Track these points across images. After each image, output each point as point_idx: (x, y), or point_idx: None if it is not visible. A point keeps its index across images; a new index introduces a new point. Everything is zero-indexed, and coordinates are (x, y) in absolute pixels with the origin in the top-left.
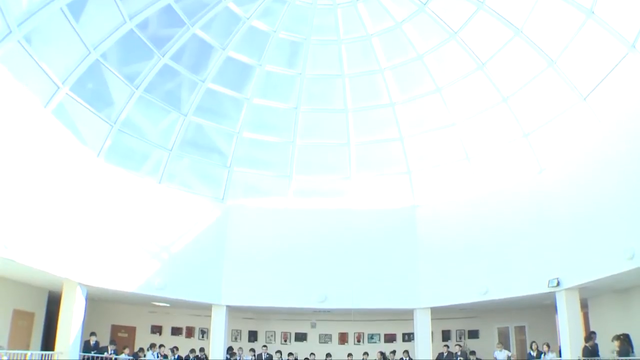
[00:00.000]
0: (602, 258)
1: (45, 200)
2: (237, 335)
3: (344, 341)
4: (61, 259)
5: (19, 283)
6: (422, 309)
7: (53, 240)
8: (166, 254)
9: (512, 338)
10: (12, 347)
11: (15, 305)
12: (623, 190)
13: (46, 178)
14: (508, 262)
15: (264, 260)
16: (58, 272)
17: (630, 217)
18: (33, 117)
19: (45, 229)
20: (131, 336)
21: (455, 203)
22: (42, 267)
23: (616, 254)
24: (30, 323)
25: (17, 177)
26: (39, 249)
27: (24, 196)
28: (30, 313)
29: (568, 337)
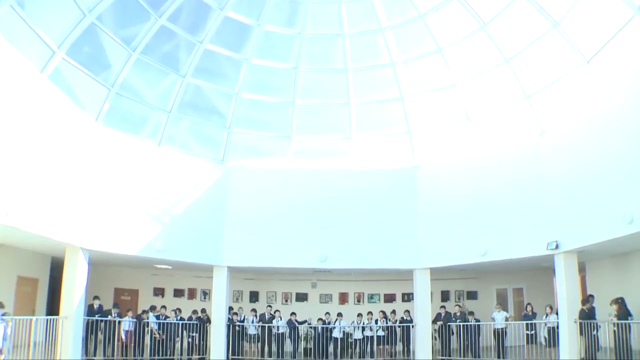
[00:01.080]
0: (601, 222)
1: (45, 166)
2: (239, 295)
3: (344, 301)
4: (63, 224)
5: (22, 250)
6: (422, 269)
7: (54, 206)
8: (167, 217)
9: (510, 299)
10: (18, 313)
11: (19, 271)
12: (624, 154)
13: (45, 144)
14: (507, 223)
15: (264, 221)
16: (60, 238)
17: (630, 182)
18: (29, 83)
19: (46, 194)
20: (134, 299)
21: (455, 164)
22: (44, 233)
23: (615, 218)
24: (34, 289)
25: (16, 143)
26: (40, 215)
27: (23, 163)
28: (34, 279)
29: (565, 300)
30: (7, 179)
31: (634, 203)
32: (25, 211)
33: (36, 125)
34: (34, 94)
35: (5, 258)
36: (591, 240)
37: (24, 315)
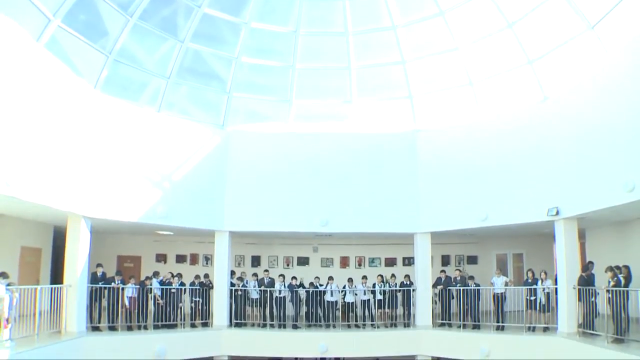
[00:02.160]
0: (602, 189)
1: (45, 135)
2: (241, 260)
3: (345, 265)
4: (64, 193)
5: (24, 220)
6: (422, 233)
7: (55, 175)
8: (168, 183)
9: (510, 265)
10: (22, 283)
11: (22, 242)
12: (626, 122)
13: (44, 113)
14: (508, 189)
15: (265, 185)
16: (62, 207)
17: (632, 150)
18: (26, 52)
19: (46, 164)
20: (137, 266)
21: (456, 129)
22: (46, 202)
23: (616, 186)
24: (37, 259)
25: (15, 113)
26: (41, 184)
27: (23, 132)
28: (37, 249)
29: (565, 266)
30: (7, 149)
31: (635, 171)
32: (26, 181)
33: (35, 95)
34: (31, 63)
35: (8, 229)
36: (592, 207)
37: (29, 285)
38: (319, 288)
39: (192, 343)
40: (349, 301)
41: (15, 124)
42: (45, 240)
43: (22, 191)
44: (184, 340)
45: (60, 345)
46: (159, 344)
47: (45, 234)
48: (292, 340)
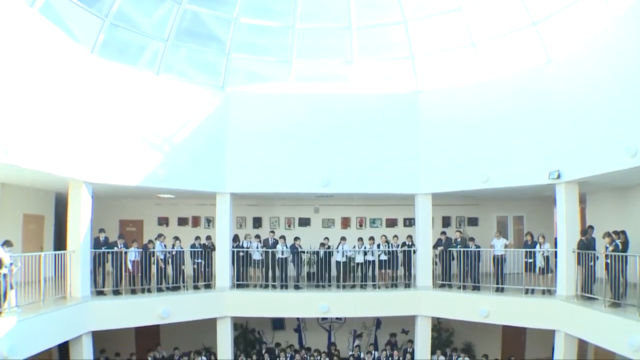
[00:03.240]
0: (604, 154)
1: (43, 101)
2: (242, 222)
3: (346, 225)
4: (64, 159)
5: (26, 188)
6: (424, 194)
7: (55, 141)
8: (168, 146)
9: (510, 227)
10: (26, 250)
11: (24, 209)
12: (631, 86)
13: (41, 79)
14: (510, 151)
15: (266, 146)
16: (62, 173)
17: (636, 114)
18: (19, 18)
19: (46, 130)
20: (139, 229)
21: (459, 90)
22: (46, 169)
23: (619, 150)
24: (40, 226)
25: (12, 80)
26: (41, 151)
27: (21, 99)
28: (39, 216)
29: (565, 230)
30: (5, 116)
31: (638, 136)
32: (25, 148)
33: (31, 61)
34: (25, 29)
35: (9, 197)
36: (593, 171)
37: (33, 252)
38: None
39: (195, 305)
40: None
41: (13, 91)
42: (47, 207)
43: (22, 159)
44: (187, 302)
45: (65, 310)
46: (162, 307)
47: (47, 201)
48: (294, 301)
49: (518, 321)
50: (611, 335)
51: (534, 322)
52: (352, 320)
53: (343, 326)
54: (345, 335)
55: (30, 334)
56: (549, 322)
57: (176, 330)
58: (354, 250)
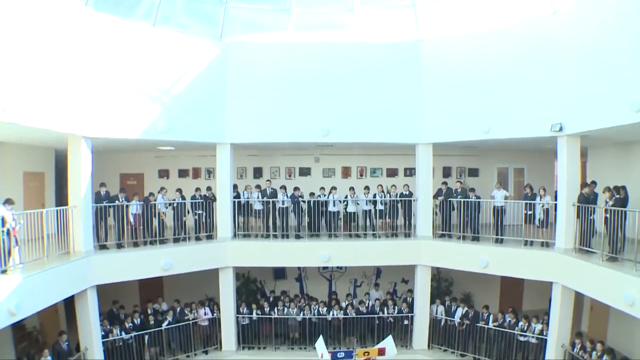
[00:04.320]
0: (607, 108)
1: (38, 57)
2: (243, 172)
3: (346, 175)
4: (62, 115)
5: (25, 146)
6: (424, 144)
7: (52, 97)
8: (167, 97)
9: (511, 179)
10: (27, 208)
11: (24, 167)
12: (636, 41)
13: (35, 35)
14: (512, 102)
15: (266, 96)
16: (61, 129)
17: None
18: None
19: (42, 86)
20: (140, 183)
21: (461, 39)
22: (44, 125)
23: (622, 105)
24: (41, 183)
25: (6, 37)
26: (39, 108)
27: (16, 56)
28: (40, 173)
29: (565, 183)
30: (1, 74)
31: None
32: (23, 105)
33: (25, 16)
34: None
35: (9, 155)
36: (596, 125)
37: (34, 209)
38: (321, 198)
39: (197, 256)
40: (350, 211)
41: (8, 48)
42: (47, 164)
43: (20, 116)
44: (189, 253)
45: (69, 265)
46: (164, 259)
47: (46, 158)
48: (295, 251)
49: (516, 272)
50: (607, 288)
51: (532, 274)
52: (352, 269)
53: (343, 275)
54: (345, 284)
55: (36, 290)
56: (547, 274)
57: (179, 281)
58: (355, 199)
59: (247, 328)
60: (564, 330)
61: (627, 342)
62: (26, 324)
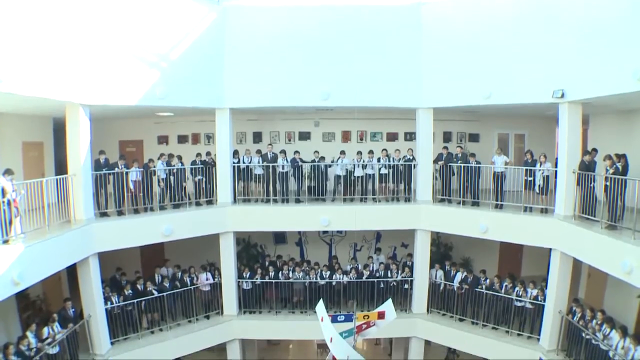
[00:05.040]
0: (611, 75)
1: (33, 25)
2: (242, 137)
3: (347, 139)
4: (59, 83)
5: (22, 116)
6: (425, 109)
7: (48, 65)
8: (165, 63)
9: (511, 145)
10: (27, 178)
11: (22, 137)
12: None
13: (29, 2)
14: (514, 68)
15: (264, 60)
16: (58, 97)
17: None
18: None
19: (38, 55)
20: (139, 149)
21: (462, 2)
22: (42, 94)
23: (626, 73)
24: (40, 153)
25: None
26: (35, 76)
27: (10, 25)
28: (38, 143)
29: (566, 150)
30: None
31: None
32: (19, 75)
33: None
34: None
35: (7, 126)
36: (598, 92)
37: (34, 179)
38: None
39: (197, 221)
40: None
41: (2, 16)
42: (45, 134)
43: (17, 86)
44: (189, 219)
45: (71, 234)
46: (165, 224)
47: (45, 127)
48: (295, 215)
49: (516, 238)
50: (606, 256)
51: (531, 240)
52: (352, 233)
53: (344, 240)
54: (345, 248)
55: (38, 259)
56: (546, 241)
57: (180, 247)
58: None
59: (248, 293)
60: (562, 296)
61: (623, 310)
62: (30, 293)
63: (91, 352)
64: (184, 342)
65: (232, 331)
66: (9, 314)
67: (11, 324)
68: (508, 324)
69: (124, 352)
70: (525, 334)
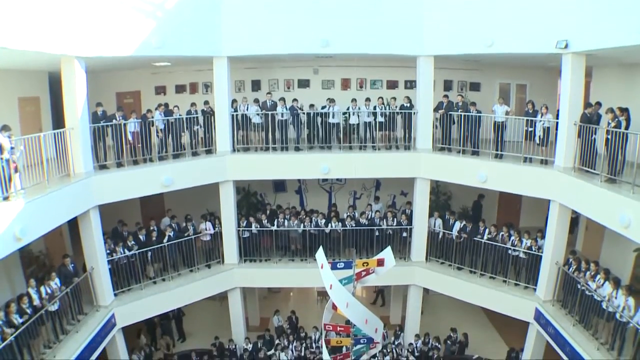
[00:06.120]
0: (616, 27)
1: None
2: (241, 85)
3: (346, 87)
4: (53, 36)
5: (17, 71)
6: (426, 56)
7: (41, 18)
8: (160, 12)
9: (513, 95)
10: (25, 133)
11: (18, 93)
12: None
13: None
14: (518, 16)
15: (263, 6)
16: (52, 50)
17: None
18: None
19: (30, 7)
20: (137, 100)
21: None
22: (35, 47)
23: (632, 25)
24: (37, 108)
25: None
26: (28, 30)
27: None
28: (34, 98)
29: (568, 102)
30: None
31: None
32: (11, 29)
33: None
34: None
35: (1, 82)
36: (603, 44)
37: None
38: (322, 110)
39: (197, 171)
40: (353, 123)
41: None
42: (41, 88)
43: (9, 40)
44: (189, 168)
45: (70, 187)
46: (165, 175)
47: (40, 81)
48: (294, 163)
49: (515, 188)
50: (604, 209)
51: (530, 191)
52: (352, 181)
53: (343, 188)
54: (345, 196)
55: (39, 214)
56: (545, 192)
57: (180, 197)
58: (356, 111)
59: (248, 241)
60: (559, 248)
61: (619, 263)
62: (32, 249)
63: (95, 304)
64: (186, 292)
65: (233, 280)
66: (14, 270)
67: (15, 280)
68: (505, 274)
69: (128, 302)
70: (522, 284)
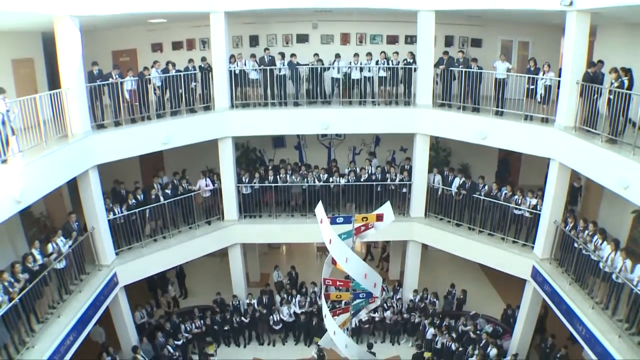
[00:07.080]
0: None
1: None
2: (239, 41)
3: (346, 42)
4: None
5: (9, 33)
6: (427, 11)
7: None
8: None
9: (515, 52)
10: (20, 95)
11: (11, 55)
12: None
13: None
14: None
15: None
16: (44, 9)
17: None
18: None
19: None
20: (133, 58)
21: None
22: (27, 8)
23: None
24: (31, 70)
25: None
26: None
27: None
28: (29, 59)
29: (571, 60)
30: None
31: None
32: None
33: None
34: None
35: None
36: (609, 2)
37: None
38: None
39: (195, 128)
40: (355, 78)
41: None
42: (35, 49)
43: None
44: (187, 125)
45: (69, 148)
46: (163, 132)
47: (34, 42)
48: (293, 118)
49: (515, 146)
50: (604, 170)
51: (530, 149)
52: (351, 137)
53: (342, 143)
54: (345, 152)
55: (38, 176)
56: (545, 150)
57: (179, 154)
58: (358, 65)
59: (248, 197)
60: (558, 207)
61: (617, 224)
62: (33, 211)
63: (97, 263)
64: (187, 249)
65: (233, 236)
66: (16, 233)
67: (18, 242)
68: (504, 231)
69: (129, 261)
70: (520, 242)
